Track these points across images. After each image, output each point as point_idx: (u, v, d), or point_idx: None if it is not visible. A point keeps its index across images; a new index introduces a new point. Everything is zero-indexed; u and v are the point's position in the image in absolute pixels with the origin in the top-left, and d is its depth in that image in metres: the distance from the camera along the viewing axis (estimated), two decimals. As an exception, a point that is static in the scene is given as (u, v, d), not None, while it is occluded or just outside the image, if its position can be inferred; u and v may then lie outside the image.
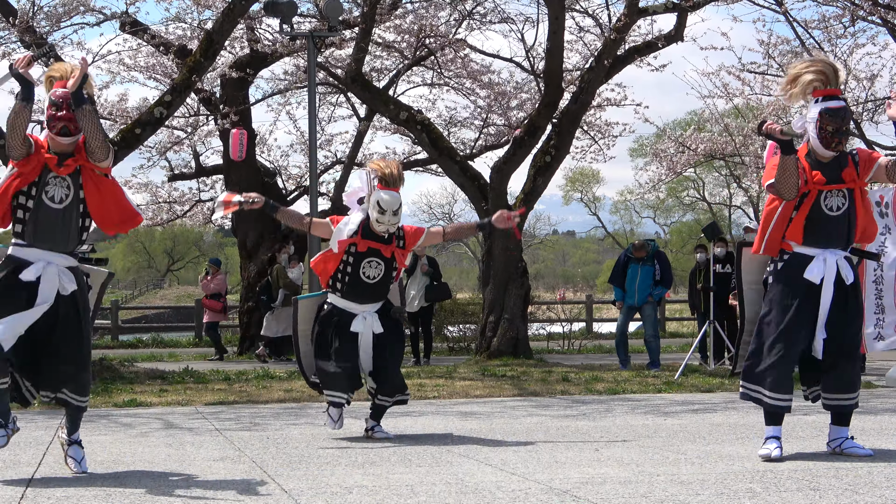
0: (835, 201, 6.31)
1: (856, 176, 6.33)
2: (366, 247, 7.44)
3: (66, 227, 5.89)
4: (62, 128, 5.82)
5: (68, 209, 5.88)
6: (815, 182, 6.27)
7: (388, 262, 7.50)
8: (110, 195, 5.98)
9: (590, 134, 19.53)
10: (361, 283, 7.44)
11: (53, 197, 5.85)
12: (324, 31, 15.37)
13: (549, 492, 5.35)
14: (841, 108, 6.26)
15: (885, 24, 15.25)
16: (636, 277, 13.95)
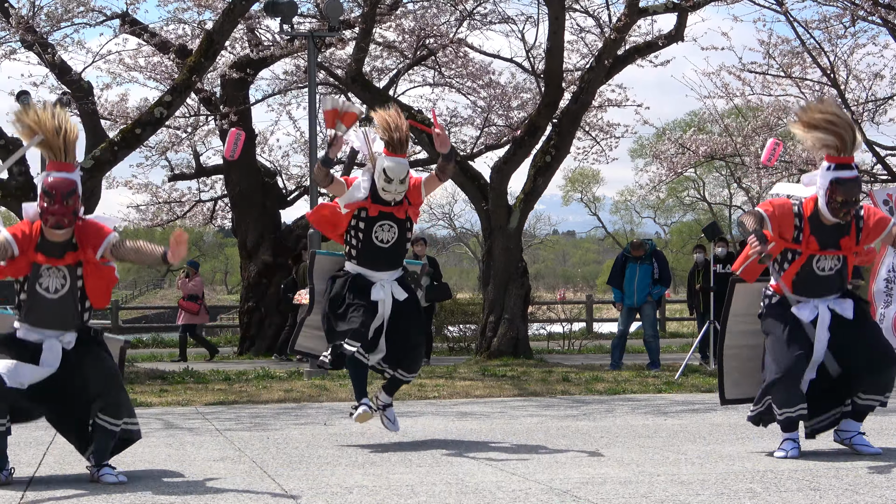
0: (827, 263, 6.40)
1: (854, 245, 6.38)
2: (377, 211, 7.12)
3: (64, 313, 5.80)
4: (56, 223, 5.69)
5: (65, 298, 5.78)
6: (809, 247, 6.34)
7: (401, 223, 7.19)
8: (108, 281, 5.89)
9: (591, 135, 19.52)
10: (375, 247, 7.14)
11: (48, 287, 5.76)
12: (324, 32, 15.36)
13: (549, 492, 5.35)
14: (852, 179, 6.26)
15: (885, 24, 15.25)
16: (635, 277, 13.92)
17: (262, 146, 20.74)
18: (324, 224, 7.45)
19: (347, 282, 7.13)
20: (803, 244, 6.33)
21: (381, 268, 7.17)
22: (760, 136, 17.76)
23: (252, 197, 18.73)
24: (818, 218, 6.34)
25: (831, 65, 16.12)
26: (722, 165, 32.87)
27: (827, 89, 16.72)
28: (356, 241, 7.16)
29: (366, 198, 7.11)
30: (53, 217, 5.68)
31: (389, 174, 7.03)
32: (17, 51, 14.86)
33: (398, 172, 7.04)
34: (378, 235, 7.14)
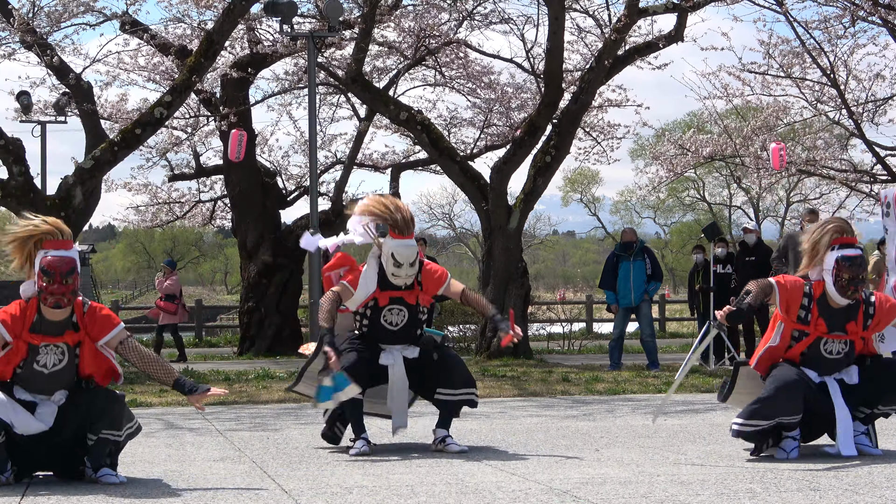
0: (835, 347, 6.43)
1: (861, 330, 6.41)
2: (387, 299, 6.79)
3: (60, 384, 5.73)
4: (55, 303, 5.61)
5: (61, 372, 5.72)
6: (818, 329, 6.37)
7: (412, 307, 6.85)
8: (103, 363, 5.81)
9: (592, 135, 19.52)
10: (384, 329, 6.82)
11: (46, 364, 5.69)
12: (324, 32, 15.38)
13: (549, 492, 5.35)
14: (857, 256, 6.32)
15: (885, 25, 15.26)
16: (629, 275, 13.83)
17: (261, 146, 20.75)
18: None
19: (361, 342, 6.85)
20: (811, 325, 6.37)
21: (392, 343, 6.84)
22: (760, 137, 17.75)
23: (252, 197, 18.74)
24: (826, 301, 6.39)
25: (831, 65, 16.13)
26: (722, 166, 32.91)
27: (827, 89, 16.72)
28: (362, 323, 6.87)
29: (374, 289, 6.76)
30: (53, 297, 5.59)
31: (399, 259, 6.68)
32: (17, 51, 14.87)
33: (408, 256, 6.68)
34: (387, 318, 6.83)
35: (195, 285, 68.07)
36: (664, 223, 58.68)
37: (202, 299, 35.83)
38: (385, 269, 6.75)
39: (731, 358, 14.37)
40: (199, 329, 25.36)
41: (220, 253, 67.17)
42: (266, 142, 21.34)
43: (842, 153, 20.24)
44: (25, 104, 20.02)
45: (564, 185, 56.85)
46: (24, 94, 19.89)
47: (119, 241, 75.23)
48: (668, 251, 56.06)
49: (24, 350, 5.64)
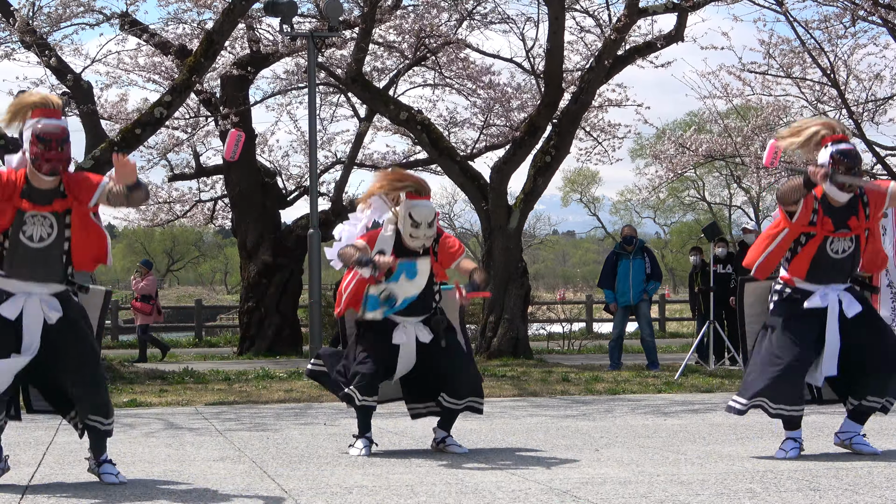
0: (840, 245, 6.41)
1: (864, 221, 6.41)
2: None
3: (48, 264, 5.54)
4: (51, 169, 5.49)
5: (50, 248, 5.53)
6: (824, 228, 6.36)
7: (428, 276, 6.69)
8: (96, 237, 5.65)
9: (592, 135, 19.51)
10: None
11: (32, 236, 5.49)
12: (324, 32, 15.37)
13: (549, 492, 5.35)
14: (851, 149, 6.32)
15: (885, 24, 15.25)
16: (628, 273, 13.83)
17: (261, 146, 20.76)
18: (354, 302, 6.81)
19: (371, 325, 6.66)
20: (818, 225, 6.35)
21: (407, 314, 6.68)
22: (760, 137, 17.75)
23: (252, 197, 18.75)
24: (827, 200, 6.38)
25: (831, 65, 16.13)
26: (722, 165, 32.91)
27: (827, 89, 16.72)
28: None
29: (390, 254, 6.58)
30: (49, 164, 5.48)
31: (416, 217, 6.56)
32: (17, 51, 14.87)
33: (426, 215, 6.57)
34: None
35: (195, 285, 68.03)
36: (664, 223, 58.70)
37: (202, 299, 35.85)
38: (402, 233, 6.62)
39: (730, 358, 14.38)
40: (199, 329, 25.36)
41: (220, 253, 67.14)
42: (266, 142, 21.34)
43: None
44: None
45: (564, 185, 56.92)
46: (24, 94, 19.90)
47: (119, 242, 75.21)
48: (668, 251, 56.07)
49: (11, 214, 5.46)
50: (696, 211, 53.09)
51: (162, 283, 66.62)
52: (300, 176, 21.28)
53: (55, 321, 5.54)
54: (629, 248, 13.93)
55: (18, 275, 5.52)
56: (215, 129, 19.04)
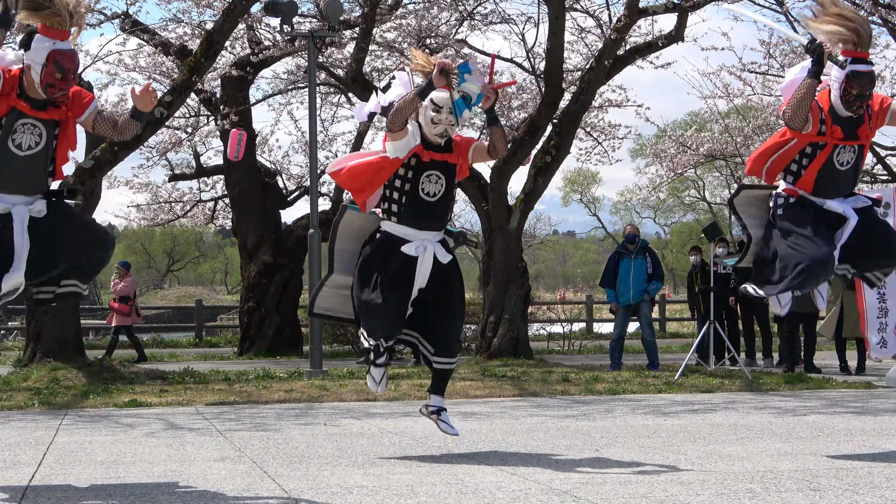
0: (846, 156, 6.38)
1: (869, 131, 6.40)
2: (429, 157, 6.40)
3: (31, 174, 5.49)
4: (63, 97, 5.47)
5: (36, 157, 5.48)
6: (834, 137, 6.31)
7: (449, 173, 6.45)
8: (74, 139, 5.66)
9: (592, 136, 19.51)
10: (421, 201, 6.39)
11: (21, 144, 5.42)
12: (324, 32, 15.37)
13: (549, 492, 5.35)
14: (869, 72, 6.25)
15: (885, 25, 15.25)
16: (630, 273, 13.83)
17: (262, 146, 20.77)
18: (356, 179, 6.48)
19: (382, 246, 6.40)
20: (828, 135, 6.30)
21: (426, 226, 6.42)
22: (761, 137, 17.76)
23: (252, 197, 18.75)
24: (834, 111, 6.32)
25: (832, 65, 16.12)
26: (722, 165, 32.88)
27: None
28: (399, 194, 6.39)
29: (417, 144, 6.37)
30: (62, 93, 5.45)
31: (438, 102, 6.33)
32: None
33: (447, 100, 6.34)
34: (425, 188, 6.39)
35: (195, 285, 68.04)
36: (664, 223, 58.70)
37: (202, 299, 35.84)
38: (424, 126, 6.39)
39: (731, 358, 14.38)
40: (199, 329, 25.37)
41: (220, 253, 67.15)
42: (266, 142, 21.36)
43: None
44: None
45: (565, 185, 56.92)
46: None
47: (119, 242, 75.19)
48: (669, 251, 56.07)
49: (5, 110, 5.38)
50: (696, 211, 53.09)
51: (162, 283, 66.71)
52: (300, 176, 21.30)
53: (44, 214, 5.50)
54: (632, 247, 13.93)
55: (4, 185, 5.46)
56: (216, 128, 19.04)
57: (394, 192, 6.40)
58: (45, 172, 5.57)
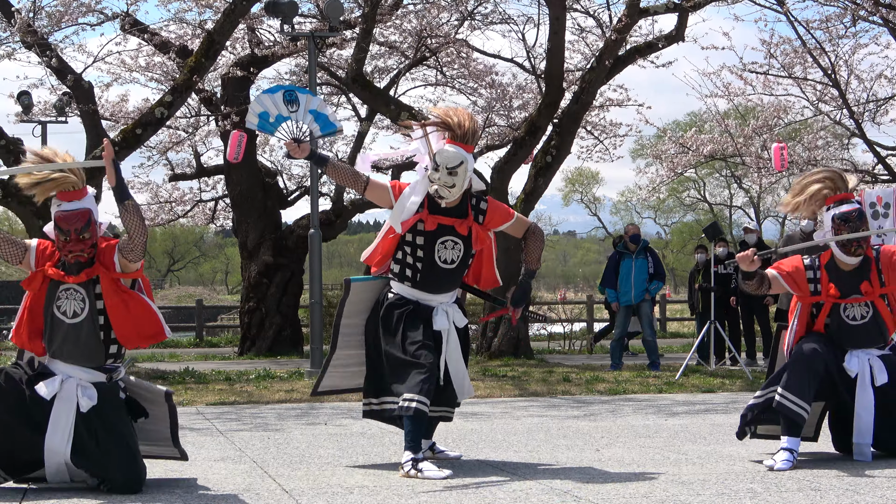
0: (857, 311, 6.20)
1: (878, 286, 6.19)
2: (435, 224, 6.00)
3: (85, 343, 5.42)
4: (76, 259, 5.38)
5: (83, 324, 5.40)
6: (830, 295, 6.18)
7: (465, 240, 6.07)
8: (139, 310, 5.43)
9: (593, 134, 19.51)
10: (438, 269, 6.03)
11: (66, 311, 5.40)
12: (325, 32, 15.36)
13: (549, 492, 5.35)
14: (854, 210, 6.14)
15: (886, 24, 15.25)
16: (631, 273, 13.80)
17: (262, 146, 20.77)
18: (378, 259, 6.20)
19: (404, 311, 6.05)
20: (823, 293, 6.18)
21: (442, 290, 6.12)
22: (761, 137, 17.75)
23: (253, 197, 18.75)
24: (835, 265, 6.21)
25: (832, 65, 16.12)
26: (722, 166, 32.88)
27: (828, 89, 16.72)
28: (414, 259, 6.04)
29: (421, 206, 6.00)
30: (72, 254, 5.38)
31: (438, 159, 5.92)
32: (17, 51, 14.87)
33: (449, 159, 5.89)
34: (441, 255, 6.04)
35: (196, 285, 68.06)
36: (664, 223, 58.72)
37: (203, 299, 35.85)
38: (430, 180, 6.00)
39: (731, 358, 14.38)
40: (200, 329, 25.36)
41: (221, 253, 67.19)
42: (267, 142, 21.34)
43: (842, 153, 20.24)
44: (26, 104, 20.03)
45: (565, 185, 56.94)
46: (25, 95, 19.90)
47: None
48: (669, 251, 56.08)
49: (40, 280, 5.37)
50: (696, 211, 53.12)
51: (163, 283, 66.73)
52: (301, 176, 21.30)
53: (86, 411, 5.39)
54: (633, 247, 13.92)
55: (59, 355, 5.45)
56: (216, 129, 19.04)
57: (408, 257, 6.07)
58: (98, 341, 5.45)
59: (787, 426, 6.11)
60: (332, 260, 67.93)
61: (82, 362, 5.47)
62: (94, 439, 5.39)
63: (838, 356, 6.21)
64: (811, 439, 6.59)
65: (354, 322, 6.28)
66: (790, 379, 6.10)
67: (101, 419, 5.42)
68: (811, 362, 6.13)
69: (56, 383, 5.39)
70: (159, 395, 5.74)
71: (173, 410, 5.76)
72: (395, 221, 5.99)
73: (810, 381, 6.11)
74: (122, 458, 5.40)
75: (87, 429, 5.40)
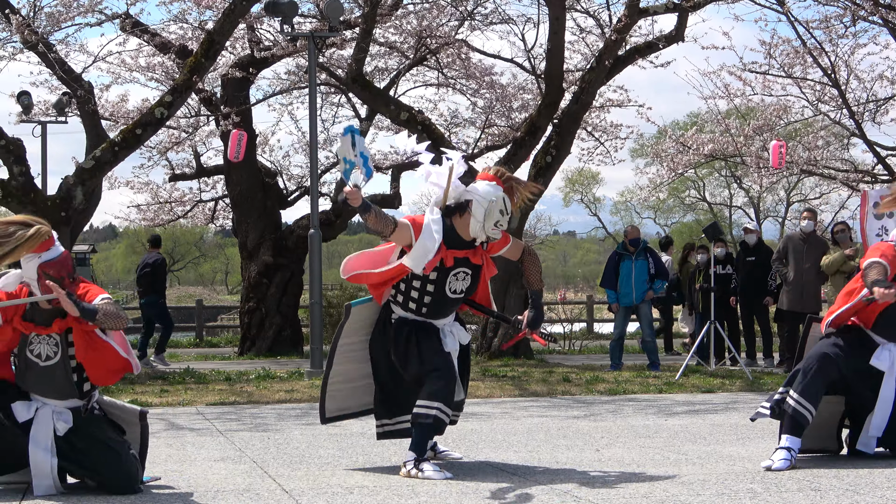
0: None
1: None
2: (452, 259, 5.97)
3: (58, 382, 5.48)
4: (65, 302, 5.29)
5: (56, 366, 5.46)
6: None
7: (476, 269, 6.10)
8: (103, 352, 5.45)
9: (594, 136, 19.50)
10: (447, 300, 6.07)
11: (40, 354, 5.46)
12: (325, 32, 15.36)
13: (549, 492, 5.35)
14: None
15: (886, 24, 15.25)
16: (631, 274, 13.80)
17: (262, 146, 20.76)
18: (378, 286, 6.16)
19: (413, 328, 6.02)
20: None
21: (447, 316, 6.16)
22: (761, 136, 17.75)
23: (253, 197, 18.75)
24: None
25: (832, 65, 16.13)
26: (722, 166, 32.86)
27: (828, 89, 16.72)
28: (422, 293, 6.02)
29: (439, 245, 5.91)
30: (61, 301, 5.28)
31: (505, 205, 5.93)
32: (18, 51, 14.86)
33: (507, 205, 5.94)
34: (452, 286, 6.05)
35: (196, 285, 68.06)
36: (664, 223, 58.68)
37: (203, 299, 35.86)
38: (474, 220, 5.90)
39: (731, 358, 14.38)
40: (200, 329, 25.36)
41: (221, 253, 67.14)
42: (267, 142, 21.34)
43: (842, 153, 20.25)
44: (26, 104, 20.00)
45: (565, 185, 56.90)
46: (25, 95, 19.88)
47: (119, 242, 75.22)
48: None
49: (10, 336, 5.42)
50: (696, 211, 53.07)
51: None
52: (301, 176, 21.29)
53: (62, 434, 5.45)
54: (633, 249, 13.92)
55: (34, 390, 5.51)
56: (216, 129, 19.04)
57: (412, 291, 6.02)
58: (70, 381, 5.50)
59: (790, 426, 6.13)
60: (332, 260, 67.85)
61: (56, 398, 5.52)
62: (77, 453, 5.45)
63: (864, 355, 6.19)
64: (835, 452, 6.56)
65: (353, 340, 6.28)
66: (803, 382, 6.13)
67: (79, 435, 5.47)
68: (825, 369, 6.14)
69: (32, 409, 5.47)
70: (133, 414, 5.78)
71: (145, 431, 5.80)
72: (418, 264, 5.88)
73: (820, 388, 6.13)
74: (109, 461, 5.44)
75: (67, 445, 5.46)
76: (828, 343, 6.24)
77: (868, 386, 6.22)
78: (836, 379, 6.16)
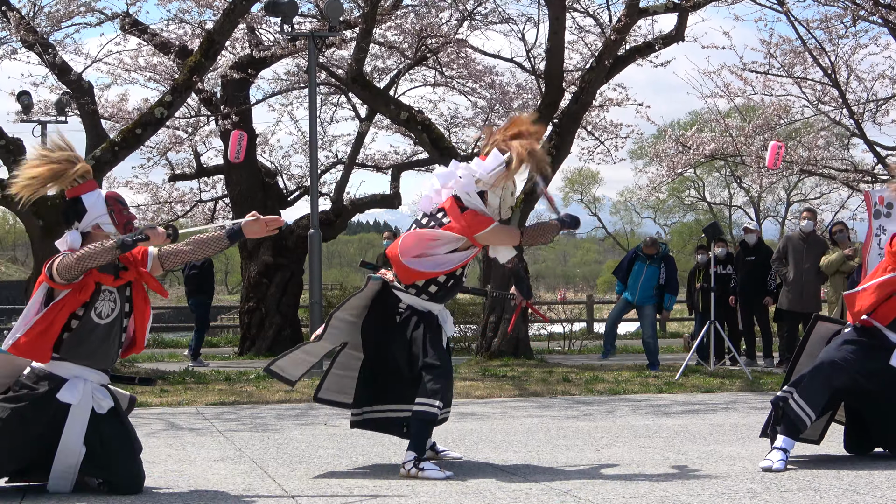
0: None
1: None
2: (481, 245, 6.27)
3: (109, 343, 5.46)
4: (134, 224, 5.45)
5: (113, 324, 5.45)
6: None
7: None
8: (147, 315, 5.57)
9: (594, 135, 19.50)
10: (460, 283, 6.24)
11: (101, 312, 5.41)
12: (325, 32, 15.36)
13: (549, 492, 5.35)
14: None
15: (886, 24, 15.24)
16: (640, 276, 13.89)
17: (262, 146, 20.77)
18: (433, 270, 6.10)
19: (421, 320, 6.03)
20: None
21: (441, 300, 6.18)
22: (762, 136, 17.75)
23: (253, 197, 18.75)
24: None
25: (832, 65, 16.12)
26: (722, 165, 32.85)
27: (828, 89, 16.72)
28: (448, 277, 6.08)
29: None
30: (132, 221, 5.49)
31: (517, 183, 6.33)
32: (18, 51, 14.86)
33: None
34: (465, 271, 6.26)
35: (195, 285, 67.96)
36: (664, 223, 58.69)
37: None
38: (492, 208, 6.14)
39: (731, 358, 14.38)
40: (200, 329, 25.31)
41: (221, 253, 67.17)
42: (267, 142, 21.34)
43: (843, 153, 20.24)
44: (26, 104, 20.01)
45: (565, 185, 56.91)
46: (25, 94, 19.88)
47: (119, 241, 75.13)
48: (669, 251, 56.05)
49: (92, 288, 5.34)
50: (696, 211, 53.08)
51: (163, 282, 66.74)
52: (301, 176, 21.29)
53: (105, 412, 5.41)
54: (651, 253, 14.02)
55: (77, 357, 5.38)
56: (216, 128, 19.04)
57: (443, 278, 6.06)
58: (119, 340, 5.53)
59: (788, 428, 6.11)
60: (331, 260, 67.88)
61: (97, 363, 5.44)
62: (99, 440, 5.39)
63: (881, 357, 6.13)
64: (814, 442, 6.57)
65: (347, 318, 6.24)
66: (807, 386, 6.10)
67: (108, 420, 5.43)
68: (832, 378, 6.10)
69: (78, 388, 5.34)
70: (124, 399, 5.76)
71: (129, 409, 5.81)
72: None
73: (824, 395, 6.11)
74: (126, 457, 5.41)
75: (94, 430, 5.39)
76: (839, 348, 6.18)
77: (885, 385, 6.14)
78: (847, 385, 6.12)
